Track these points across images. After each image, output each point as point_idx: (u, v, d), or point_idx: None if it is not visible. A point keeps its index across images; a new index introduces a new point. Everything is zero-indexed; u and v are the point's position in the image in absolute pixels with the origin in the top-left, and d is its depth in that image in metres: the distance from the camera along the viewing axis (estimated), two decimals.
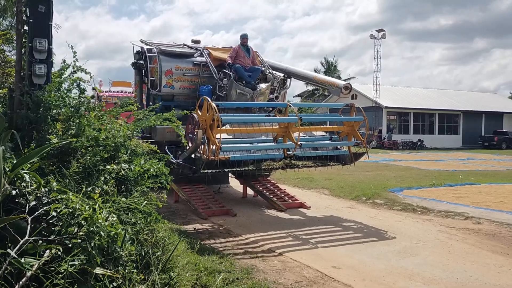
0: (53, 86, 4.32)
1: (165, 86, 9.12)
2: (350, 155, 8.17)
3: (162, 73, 9.02)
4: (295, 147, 7.19)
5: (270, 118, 7.63)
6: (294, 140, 7.14)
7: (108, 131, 4.23)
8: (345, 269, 5.26)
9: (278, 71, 10.00)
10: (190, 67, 9.35)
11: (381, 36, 38.11)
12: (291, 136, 7.18)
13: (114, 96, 16.69)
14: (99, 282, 2.87)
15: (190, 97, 9.42)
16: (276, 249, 6.04)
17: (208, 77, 9.36)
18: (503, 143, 36.06)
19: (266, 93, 9.29)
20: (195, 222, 7.65)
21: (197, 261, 4.90)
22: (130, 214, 3.58)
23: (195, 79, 9.38)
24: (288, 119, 7.32)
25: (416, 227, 7.40)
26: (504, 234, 6.95)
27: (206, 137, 6.59)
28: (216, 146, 6.43)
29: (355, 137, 7.95)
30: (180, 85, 9.31)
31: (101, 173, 3.75)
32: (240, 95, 8.79)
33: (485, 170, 16.62)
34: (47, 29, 4.66)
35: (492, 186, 11.76)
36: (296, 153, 7.43)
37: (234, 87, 8.79)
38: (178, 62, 9.24)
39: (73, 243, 2.90)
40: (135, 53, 9.76)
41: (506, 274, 5.12)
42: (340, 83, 8.70)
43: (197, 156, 6.94)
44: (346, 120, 8.16)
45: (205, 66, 9.37)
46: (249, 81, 9.03)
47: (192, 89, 9.42)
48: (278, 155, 7.45)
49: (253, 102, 8.97)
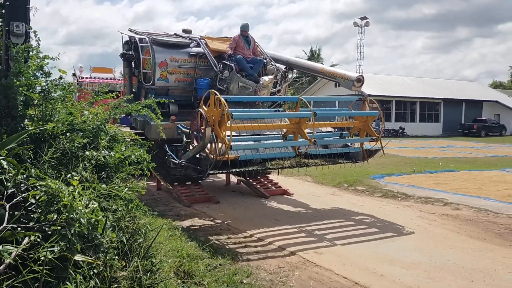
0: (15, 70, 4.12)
1: (159, 79, 8.43)
2: (363, 152, 7.71)
3: (156, 65, 8.33)
4: (309, 144, 6.71)
5: (283, 114, 7.18)
6: (307, 137, 6.64)
7: (86, 116, 4.15)
8: (327, 254, 5.33)
9: (279, 63, 9.44)
10: (185, 58, 8.66)
11: (365, 24, 38.31)
12: (304, 133, 6.69)
13: (94, 82, 16.41)
14: (79, 269, 2.84)
15: (186, 90, 8.80)
16: (258, 235, 6.07)
17: (205, 69, 8.73)
18: (482, 131, 36.74)
19: (270, 86, 8.71)
20: (178, 209, 7.63)
21: (179, 247, 4.90)
22: (111, 201, 3.54)
23: (191, 72, 8.70)
24: (302, 114, 6.86)
25: (396, 213, 7.52)
26: (481, 219, 7.11)
27: (214, 135, 6.06)
28: (226, 145, 5.85)
29: (369, 133, 7.53)
30: (175, 78, 8.62)
31: (80, 160, 3.69)
32: (242, 89, 8.14)
33: (464, 157, 16.93)
34: (24, 12, 4.53)
35: (471, 173, 11.99)
36: (309, 151, 6.95)
37: (236, 79, 8.11)
38: (173, 53, 8.56)
39: (52, 230, 2.85)
40: (124, 43, 9.15)
41: (482, 259, 5.25)
42: (352, 75, 8.03)
43: (202, 156, 6.34)
44: (362, 114, 7.64)
45: (201, 57, 8.70)
46: (251, 74, 8.42)
47: (188, 82, 8.75)
48: (289, 153, 6.97)
49: (263, 97, 8.51)
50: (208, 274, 4.33)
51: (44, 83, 4.23)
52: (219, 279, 4.26)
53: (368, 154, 7.72)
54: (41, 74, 4.22)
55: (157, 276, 3.49)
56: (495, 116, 41.80)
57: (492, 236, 6.21)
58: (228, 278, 4.30)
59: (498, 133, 38.00)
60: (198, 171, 6.42)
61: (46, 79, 4.23)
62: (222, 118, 5.94)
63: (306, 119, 6.72)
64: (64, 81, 4.38)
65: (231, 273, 4.44)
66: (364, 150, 7.69)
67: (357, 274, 4.67)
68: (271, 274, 4.63)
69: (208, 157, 6.15)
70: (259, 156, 6.76)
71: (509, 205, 7.98)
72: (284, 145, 6.98)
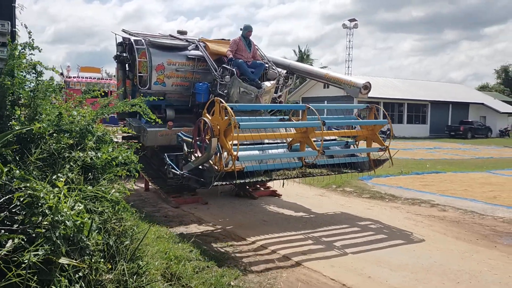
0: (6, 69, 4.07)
1: (156, 83, 8.07)
2: (370, 162, 7.36)
3: (153, 68, 7.96)
4: (317, 155, 6.40)
5: (292, 123, 6.80)
6: (315, 147, 6.35)
7: (74, 117, 4.10)
8: (314, 255, 5.33)
9: (279, 67, 9.08)
10: (183, 61, 8.33)
11: (353, 25, 38.53)
12: (312, 143, 6.39)
13: (82, 82, 16.24)
14: (64, 272, 2.80)
15: (184, 95, 8.49)
16: (246, 237, 6.05)
17: (203, 72, 8.40)
18: (469, 133, 37.19)
19: (271, 92, 8.38)
20: (166, 210, 7.58)
21: (167, 249, 4.86)
22: (97, 202, 3.50)
23: (189, 75, 8.38)
24: (310, 123, 6.51)
25: (384, 214, 7.56)
26: (467, 221, 7.19)
27: (219, 145, 5.71)
28: (233, 156, 5.58)
29: (376, 142, 7.22)
30: (173, 82, 8.27)
31: (67, 161, 3.64)
32: (243, 94, 7.79)
33: (451, 159, 17.11)
34: (9, 10, 4.46)
35: (457, 175, 12.13)
36: (318, 161, 6.63)
37: (237, 85, 7.75)
38: (170, 56, 8.21)
39: (37, 233, 2.81)
40: (117, 44, 8.73)
41: (468, 260, 5.29)
42: (358, 82, 7.67)
43: (206, 167, 5.96)
44: (371, 123, 7.27)
45: (200, 60, 8.37)
46: (252, 78, 8.08)
47: (186, 86, 8.43)
48: (296, 163, 6.62)
49: (270, 105, 8.26)
50: (195, 276, 4.30)
51: (34, 83, 4.17)
52: (206, 281, 4.24)
53: (375, 163, 7.39)
54: (31, 73, 4.16)
55: (144, 278, 3.45)
56: (481, 118, 42.40)
57: (477, 237, 6.27)
58: (216, 280, 4.28)
59: (484, 135, 38.51)
60: (201, 183, 6.05)
61: (37, 79, 4.17)
62: (228, 127, 5.63)
63: (314, 128, 6.45)
64: (55, 82, 4.33)
65: (219, 275, 4.42)
66: (371, 159, 7.36)
67: (344, 276, 4.68)
68: (259, 276, 4.62)
69: (213, 168, 5.77)
70: (266, 167, 6.42)
71: (495, 206, 8.08)
72: (291, 156, 6.69)
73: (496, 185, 10.48)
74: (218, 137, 5.66)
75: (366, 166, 7.44)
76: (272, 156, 6.53)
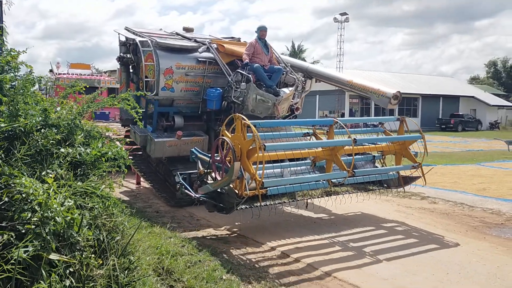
0: None
1: (164, 89, 7.28)
2: (399, 179, 6.82)
3: (160, 72, 7.19)
4: (347, 176, 5.80)
5: (320, 142, 6.13)
6: (345, 167, 5.76)
7: (59, 113, 4.06)
8: (306, 249, 5.36)
9: (295, 70, 8.38)
10: (193, 64, 7.53)
11: (344, 19, 38.49)
12: (341, 162, 5.80)
13: (72, 78, 16.10)
14: (54, 268, 2.79)
15: (193, 101, 7.71)
16: (239, 232, 6.07)
17: (215, 76, 7.69)
18: (459, 126, 37.54)
19: (289, 99, 7.68)
20: (158, 205, 7.57)
21: (159, 244, 4.87)
22: (87, 198, 3.48)
23: (199, 80, 7.59)
24: (340, 141, 5.93)
25: (375, 207, 7.60)
26: (457, 213, 7.26)
27: (242, 168, 5.13)
28: (257, 181, 5.05)
29: (408, 158, 6.71)
30: (182, 87, 7.47)
31: (55, 157, 3.61)
32: (260, 102, 7.09)
33: (442, 152, 17.23)
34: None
35: (447, 167, 12.24)
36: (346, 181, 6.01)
37: (253, 91, 7.05)
38: (179, 59, 7.41)
39: (26, 229, 2.80)
40: (121, 44, 8.09)
41: (458, 251, 5.36)
42: (388, 91, 6.99)
43: (224, 191, 5.35)
44: (404, 139, 6.78)
45: (211, 63, 7.63)
46: (270, 85, 7.39)
47: (196, 91, 7.63)
48: (322, 184, 5.85)
49: (294, 120, 7.64)
50: (187, 271, 4.31)
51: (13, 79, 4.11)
52: (198, 275, 4.25)
53: (405, 181, 6.88)
54: (9, 68, 4.10)
55: (135, 273, 3.45)
56: (471, 111, 42.76)
57: (467, 229, 6.34)
58: (208, 274, 4.29)
59: (474, 128, 38.86)
60: (220, 208, 5.48)
61: (15, 74, 4.11)
62: (252, 149, 5.09)
63: (343, 146, 5.88)
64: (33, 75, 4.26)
65: (211, 269, 4.43)
66: (400, 176, 6.83)
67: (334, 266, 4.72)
68: (251, 269, 4.64)
69: (234, 193, 5.17)
70: (292, 189, 5.69)
71: (484, 198, 8.18)
72: (319, 179, 5.88)
73: (485, 177, 10.60)
74: (240, 160, 5.09)
75: (395, 183, 6.95)
76: (299, 179, 5.73)
